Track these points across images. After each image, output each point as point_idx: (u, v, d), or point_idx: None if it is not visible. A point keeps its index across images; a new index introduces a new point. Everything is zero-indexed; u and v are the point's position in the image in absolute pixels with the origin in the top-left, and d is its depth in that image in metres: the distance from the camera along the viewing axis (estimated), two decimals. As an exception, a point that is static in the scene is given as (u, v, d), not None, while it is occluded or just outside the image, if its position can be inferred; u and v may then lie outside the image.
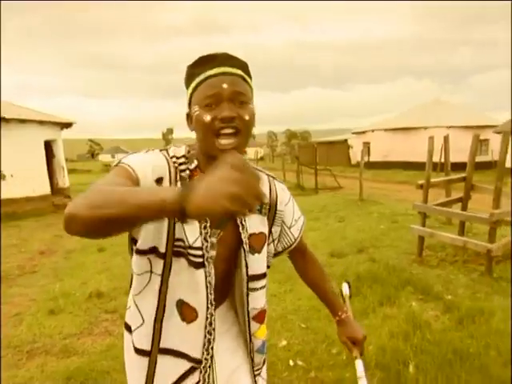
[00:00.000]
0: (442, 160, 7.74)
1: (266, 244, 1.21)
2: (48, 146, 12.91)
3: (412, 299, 4.19)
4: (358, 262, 5.56)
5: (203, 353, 1.14)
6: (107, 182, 0.94)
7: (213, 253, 1.11)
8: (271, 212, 1.22)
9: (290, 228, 1.30)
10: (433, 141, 5.48)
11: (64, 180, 13.75)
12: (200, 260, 1.08)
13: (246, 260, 1.16)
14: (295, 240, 1.32)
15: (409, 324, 3.55)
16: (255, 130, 1.17)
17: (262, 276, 1.21)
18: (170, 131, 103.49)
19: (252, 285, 1.19)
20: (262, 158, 47.52)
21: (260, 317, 1.24)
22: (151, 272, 1.10)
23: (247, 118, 1.03)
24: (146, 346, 1.14)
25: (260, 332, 1.26)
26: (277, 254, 1.33)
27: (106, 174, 1.00)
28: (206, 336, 1.13)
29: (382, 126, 27.80)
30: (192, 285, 1.09)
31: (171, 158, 1.09)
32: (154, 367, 1.14)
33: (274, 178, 1.27)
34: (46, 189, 12.44)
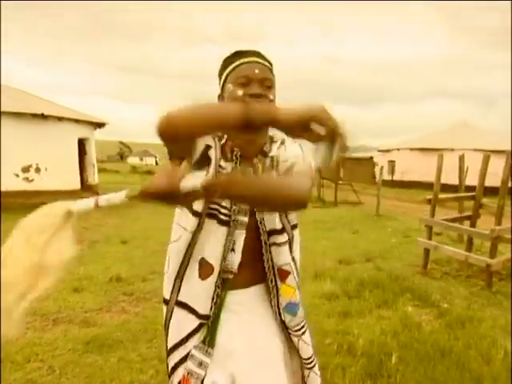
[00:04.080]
0: (472, 183, 7.83)
1: None
2: (81, 143, 13.58)
3: (408, 305, 4.42)
4: (364, 269, 5.81)
5: (211, 307, 1.26)
6: None
7: (243, 218, 1.27)
8: (277, 166, 1.31)
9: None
10: (442, 159, 5.71)
11: (94, 177, 14.40)
12: (226, 219, 1.25)
13: (259, 216, 1.29)
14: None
15: (400, 324, 3.81)
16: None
17: (281, 231, 1.32)
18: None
19: (272, 239, 1.31)
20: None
21: (282, 275, 1.34)
22: (184, 229, 1.29)
23: (271, 97, 1.23)
24: (166, 295, 1.34)
25: (284, 291, 1.35)
26: None
27: None
28: (215, 290, 1.26)
29: (407, 145, 27.79)
30: (215, 242, 1.25)
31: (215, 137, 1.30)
32: (170, 316, 1.32)
33: (285, 140, 1.37)
34: (76, 184, 13.08)
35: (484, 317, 4.04)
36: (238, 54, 1.26)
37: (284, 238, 1.34)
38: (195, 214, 1.27)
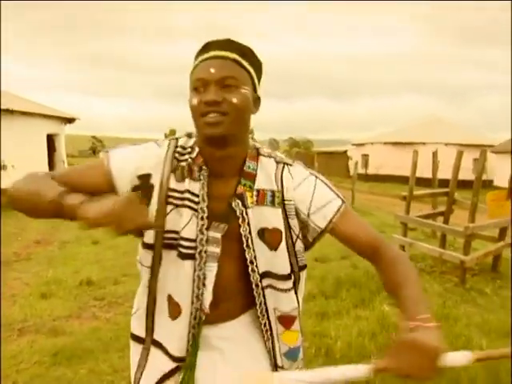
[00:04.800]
0: (443, 176, 7.91)
1: (283, 241, 1.08)
2: (50, 139, 13.17)
3: (385, 303, 4.41)
4: (340, 267, 5.79)
5: (187, 349, 1.09)
6: (73, 169, 1.13)
7: (215, 249, 1.06)
8: (280, 203, 1.08)
9: (309, 216, 1.09)
10: (417, 155, 5.74)
11: (64, 174, 13.99)
12: (190, 251, 1.05)
13: (249, 255, 1.07)
14: (321, 230, 1.10)
15: (378, 325, 3.79)
16: (257, 137, 1.11)
17: (285, 277, 1.11)
18: (173, 132, 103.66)
19: (267, 282, 1.10)
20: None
21: (286, 321, 1.14)
22: (141, 264, 1.12)
23: (235, 101, 0.97)
24: (141, 333, 1.17)
25: (287, 337, 1.15)
26: (310, 245, 1.16)
27: (88, 161, 1.14)
28: (190, 331, 1.08)
29: (381, 140, 28.15)
30: (178, 278, 1.06)
31: (176, 147, 1.08)
32: (147, 356, 1.15)
33: (287, 164, 1.11)
34: (45, 181, 12.66)
35: (459, 315, 4.06)
36: (202, 49, 1.04)
37: (287, 284, 1.12)
38: (147, 246, 1.09)
